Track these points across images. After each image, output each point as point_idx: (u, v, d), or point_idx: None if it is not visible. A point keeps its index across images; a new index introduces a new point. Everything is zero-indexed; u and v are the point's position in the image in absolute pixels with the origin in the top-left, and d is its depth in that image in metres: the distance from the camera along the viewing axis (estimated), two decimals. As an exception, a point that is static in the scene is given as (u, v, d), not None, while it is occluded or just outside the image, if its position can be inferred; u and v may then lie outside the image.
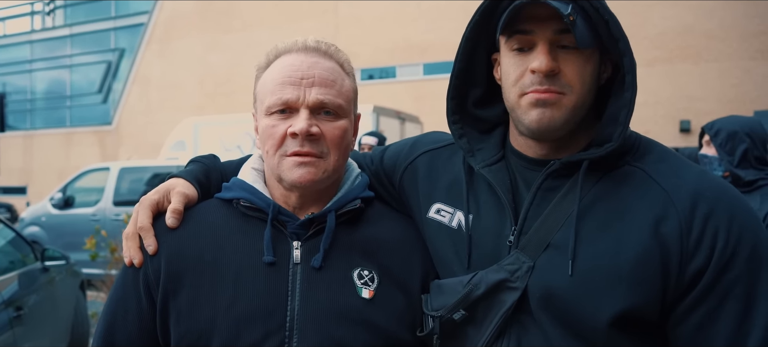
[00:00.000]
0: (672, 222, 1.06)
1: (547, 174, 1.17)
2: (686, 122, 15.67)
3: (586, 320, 1.07)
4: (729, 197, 1.08)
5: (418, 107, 15.18)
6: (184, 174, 1.38)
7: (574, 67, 1.11)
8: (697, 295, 1.05)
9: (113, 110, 25.21)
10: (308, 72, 1.24)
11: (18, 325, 3.90)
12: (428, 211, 1.32)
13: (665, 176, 1.11)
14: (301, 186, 1.24)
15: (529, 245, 1.15)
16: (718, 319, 1.04)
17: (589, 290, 1.07)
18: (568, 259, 1.09)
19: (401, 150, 1.47)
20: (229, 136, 10.67)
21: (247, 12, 21.43)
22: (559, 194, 1.16)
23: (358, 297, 1.23)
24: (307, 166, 1.22)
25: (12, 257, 4.60)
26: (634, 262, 1.05)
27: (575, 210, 1.11)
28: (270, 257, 1.22)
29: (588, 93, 1.14)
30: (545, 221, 1.15)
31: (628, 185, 1.12)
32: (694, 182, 1.09)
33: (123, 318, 1.26)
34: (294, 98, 1.22)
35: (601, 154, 1.12)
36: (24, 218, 11.09)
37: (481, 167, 1.25)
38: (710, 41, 15.64)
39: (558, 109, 1.12)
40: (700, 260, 1.04)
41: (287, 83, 1.23)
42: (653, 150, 1.18)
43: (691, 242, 1.04)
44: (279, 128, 1.23)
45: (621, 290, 1.05)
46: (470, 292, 1.15)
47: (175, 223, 1.27)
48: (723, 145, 2.82)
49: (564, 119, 1.13)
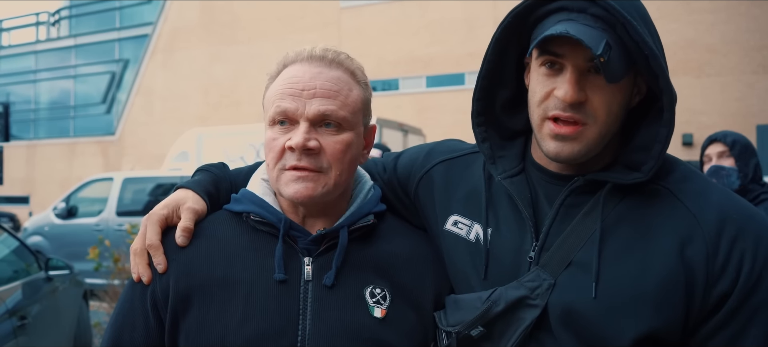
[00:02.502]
0: (698, 245, 1.04)
1: (570, 190, 1.15)
2: (688, 136, 15.67)
3: (608, 340, 1.05)
4: (756, 221, 1.07)
5: (421, 119, 15.21)
6: (193, 186, 1.33)
7: (602, 97, 1.07)
8: (722, 318, 1.03)
9: (117, 121, 25.28)
10: (310, 83, 1.20)
11: (21, 334, 3.91)
12: (445, 223, 1.30)
13: (691, 197, 1.09)
14: (299, 201, 1.20)
15: (550, 262, 1.12)
16: (743, 342, 1.03)
17: (612, 311, 1.05)
18: (592, 279, 1.07)
19: (416, 158, 1.43)
20: (233, 147, 10.69)
21: (251, 24, 21.53)
22: (582, 212, 1.13)
23: (370, 316, 1.19)
24: (304, 181, 1.18)
25: (16, 266, 4.61)
26: (659, 285, 1.04)
27: (598, 229, 1.09)
28: (281, 275, 1.19)
29: (614, 122, 1.10)
30: (567, 239, 1.12)
31: (653, 205, 1.10)
32: (720, 204, 1.07)
33: (130, 335, 1.23)
34: (292, 109, 1.19)
35: (627, 182, 1.10)
36: (27, 228, 11.11)
37: (503, 179, 1.22)
38: (712, 56, 15.68)
39: (579, 142, 1.08)
40: (726, 283, 1.02)
41: (287, 94, 1.20)
42: (677, 168, 1.15)
43: (718, 266, 1.03)
44: (279, 141, 1.20)
45: (645, 312, 1.04)
46: (489, 308, 1.13)
47: (185, 242, 1.23)
48: (740, 156, 2.81)
49: (585, 151, 1.09)
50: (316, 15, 20.28)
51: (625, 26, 1.01)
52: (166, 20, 23.93)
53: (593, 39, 1.00)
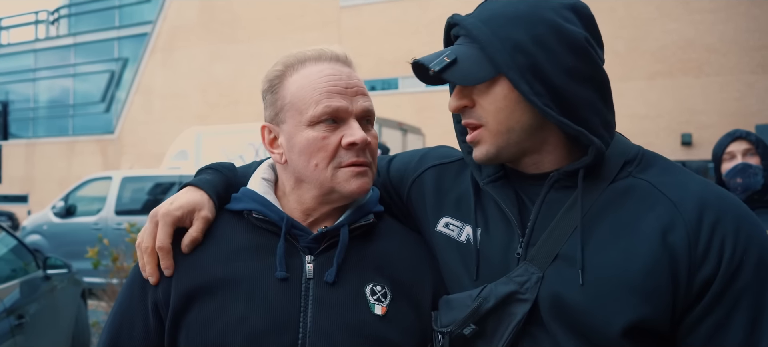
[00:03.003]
0: (679, 231, 1.06)
1: (549, 186, 1.18)
2: (687, 136, 15.69)
3: (598, 330, 1.06)
4: (734, 207, 1.09)
5: (420, 119, 15.22)
6: (206, 188, 1.31)
7: (489, 99, 1.14)
8: (707, 304, 1.04)
9: (116, 119, 25.28)
10: (350, 81, 1.23)
11: (19, 333, 3.90)
12: (436, 225, 1.32)
13: (671, 187, 1.11)
14: (358, 196, 1.23)
15: (537, 256, 1.14)
16: (727, 329, 1.04)
17: (600, 300, 1.07)
18: (578, 269, 1.09)
19: (409, 162, 1.46)
20: (232, 146, 10.68)
21: (250, 23, 21.54)
22: (564, 206, 1.15)
23: (371, 313, 1.20)
24: (364, 176, 1.22)
25: (14, 265, 4.60)
26: (644, 273, 1.05)
27: (579, 218, 1.12)
28: (283, 273, 1.20)
29: (510, 119, 1.14)
30: (552, 233, 1.14)
31: (634, 196, 1.12)
32: (699, 193, 1.09)
33: (128, 333, 1.23)
34: (344, 107, 1.21)
35: (588, 162, 1.12)
36: (25, 227, 11.09)
37: (485, 183, 1.25)
38: (711, 55, 15.70)
39: (485, 143, 1.17)
40: (709, 269, 1.04)
41: (334, 92, 1.21)
42: (657, 163, 1.18)
43: (699, 251, 1.04)
44: (331, 139, 1.20)
45: (632, 301, 1.05)
46: (480, 306, 1.14)
47: (190, 251, 1.23)
48: (765, 156, 2.80)
49: (495, 150, 1.16)
50: (315, 14, 20.29)
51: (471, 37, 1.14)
52: (166, 19, 23.93)
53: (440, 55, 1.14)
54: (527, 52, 1.08)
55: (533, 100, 1.08)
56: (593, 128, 1.12)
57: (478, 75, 1.12)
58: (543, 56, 1.08)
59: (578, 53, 1.10)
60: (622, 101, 15.76)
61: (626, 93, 15.62)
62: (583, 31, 1.11)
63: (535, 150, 1.18)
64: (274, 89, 1.27)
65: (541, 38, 1.09)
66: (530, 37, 1.09)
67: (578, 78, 1.10)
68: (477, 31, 1.12)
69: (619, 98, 6.36)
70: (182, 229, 1.25)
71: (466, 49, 1.14)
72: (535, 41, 1.09)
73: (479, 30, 1.12)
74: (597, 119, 1.12)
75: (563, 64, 1.09)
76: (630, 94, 15.75)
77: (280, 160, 1.28)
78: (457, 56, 1.13)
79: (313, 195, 1.25)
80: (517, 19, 1.10)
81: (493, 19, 1.12)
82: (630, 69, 15.98)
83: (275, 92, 1.27)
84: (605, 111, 1.15)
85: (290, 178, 1.28)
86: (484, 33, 1.11)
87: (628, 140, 1.23)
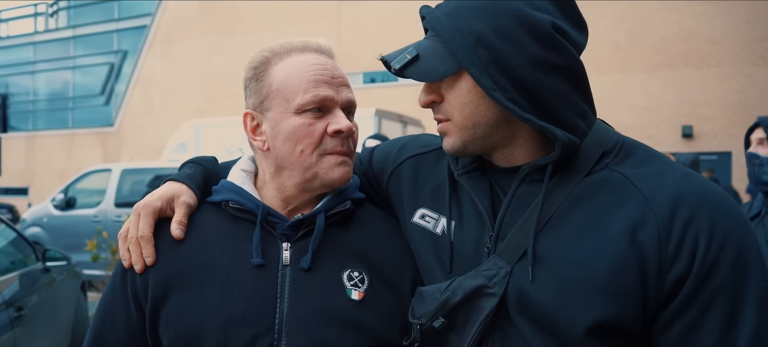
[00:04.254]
0: (650, 229, 1.01)
1: (520, 180, 1.14)
2: (688, 128, 15.66)
3: (563, 327, 1.04)
4: (713, 201, 1.03)
5: (420, 111, 15.14)
6: (185, 180, 1.35)
7: (455, 94, 1.12)
8: (679, 304, 1.00)
9: (115, 112, 25.25)
10: (335, 72, 1.27)
11: (19, 325, 3.90)
12: (413, 216, 1.31)
13: (645, 181, 1.06)
14: (340, 185, 1.26)
15: (506, 250, 1.12)
16: (702, 329, 1.00)
17: (565, 298, 1.04)
18: (529, 265, 1.07)
19: (389, 153, 1.45)
20: (231, 138, 10.67)
21: (249, 15, 21.48)
22: (535, 200, 1.12)
23: (348, 298, 1.21)
24: (346, 165, 1.25)
25: (13, 257, 4.60)
26: (609, 271, 1.01)
27: (537, 211, 1.09)
28: (259, 259, 1.21)
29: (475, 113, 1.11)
30: (521, 228, 1.12)
31: (606, 190, 1.08)
32: (675, 186, 1.04)
33: (111, 324, 1.26)
34: (331, 96, 1.24)
35: (555, 158, 1.08)
36: (25, 219, 11.10)
37: (460, 174, 1.23)
38: (712, 47, 15.64)
39: (450, 136, 1.15)
40: (680, 268, 0.99)
41: (321, 82, 1.24)
42: (635, 153, 1.13)
43: (671, 250, 1.00)
44: (318, 126, 1.23)
45: (597, 300, 1.02)
46: (448, 299, 1.12)
47: (181, 235, 1.25)
48: None
49: (461, 144, 1.15)
50: (314, 7, 20.21)
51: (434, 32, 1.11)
52: (165, 11, 23.86)
53: (402, 52, 1.12)
54: (489, 45, 1.04)
55: (495, 96, 1.05)
56: (566, 120, 1.08)
57: (439, 70, 1.09)
58: (507, 48, 1.04)
59: (545, 42, 1.04)
60: (623, 93, 15.81)
61: (627, 85, 15.59)
62: (550, 17, 1.06)
63: (505, 144, 1.15)
64: (258, 77, 1.29)
65: (504, 29, 1.04)
66: (493, 29, 1.04)
67: (547, 68, 1.05)
68: (439, 25, 1.09)
69: (619, 90, 6.40)
70: (166, 221, 1.28)
71: (430, 44, 1.12)
72: (498, 33, 1.04)
73: (441, 24, 1.09)
74: (571, 110, 1.08)
75: (529, 55, 1.04)
76: (631, 86, 15.72)
77: (262, 147, 1.29)
78: (419, 52, 1.11)
79: (295, 182, 1.26)
80: (480, 10, 1.06)
81: (456, 10, 1.08)
82: (631, 61, 15.93)
83: (260, 80, 1.28)
84: (580, 101, 1.11)
85: (271, 166, 1.29)
86: (446, 26, 1.08)
87: (610, 128, 1.18)
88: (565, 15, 1.09)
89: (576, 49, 1.09)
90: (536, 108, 1.06)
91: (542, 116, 1.06)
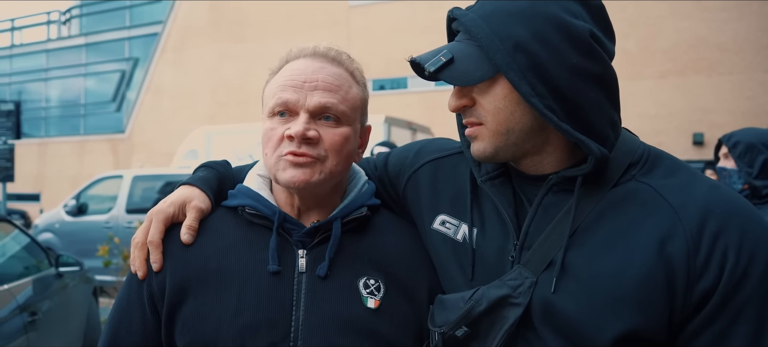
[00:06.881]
0: (679, 241, 1.00)
1: (547, 189, 1.13)
2: (699, 135, 15.57)
3: (589, 338, 1.03)
4: (742, 214, 1.02)
5: (429, 118, 15.20)
6: (198, 183, 1.34)
7: (489, 98, 1.09)
8: (707, 316, 0.99)
9: (126, 119, 25.43)
10: (312, 76, 1.23)
11: (32, 330, 3.94)
12: (433, 222, 1.29)
13: (673, 192, 1.05)
14: (295, 187, 1.21)
15: (531, 260, 1.11)
16: (729, 340, 0.99)
17: (592, 309, 1.03)
18: (553, 277, 1.06)
19: (406, 157, 1.43)
20: (242, 145, 10.72)
21: (259, 22, 21.59)
22: (562, 210, 1.11)
23: (364, 306, 1.20)
24: (301, 167, 1.20)
25: (27, 262, 4.64)
26: (638, 283, 1.01)
27: (569, 224, 1.08)
28: (275, 266, 1.21)
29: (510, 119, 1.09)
30: (548, 238, 1.11)
31: (634, 202, 1.07)
32: (703, 198, 1.03)
33: (127, 328, 1.25)
34: (293, 101, 1.21)
35: (587, 171, 1.07)
36: (37, 225, 11.19)
37: (483, 181, 1.21)
38: (723, 54, 15.56)
39: (480, 140, 1.13)
40: (709, 280, 0.98)
41: (288, 86, 1.23)
42: (662, 164, 1.12)
43: (699, 262, 0.99)
44: (278, 130, 1.22)
45: (625, 311, 1.01)
46: (472, 308, 1.11)
47: (190, 240, 1.25)
48: (741, 157, 2.79)
49: (493, 150, 1.12)
50: (324, 13, 20.30)
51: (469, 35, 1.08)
52: (176, 19, 24.04)
53: (437, 53, 1.09)
54: (528, 51, 1.02)
55: (534, 102, 1.03)
56: (598, 130, 1.07)
57: (476, 75, 1.07)
58: (545, 54, 1.02)
59: (583, 50, 1.03)
60: (633, 100, 15.72)
61: (637, 92, 15.52)
62: (588, 25, 1.05)
63: (536, 151, 1.13)
64: (266, 84, 1.32)
65: (543, 35, 1.02)
66: (532, 35, 1.02)
67: (584, 76, 1.04)
68: (476, 29, 1.06)
69: (629, 97, 6.36)
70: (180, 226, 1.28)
71: (464, 47, 1.09)
72: (537, 38, 1.02)
73: (478, 27, 1.06)
74: (603, 120, 1.07)
75: (567, 62, 1.02)
76: (641, 93, 15.65)
77: None
78: (454, 55, 1.08)
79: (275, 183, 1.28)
80: (518, 15, 1.04)
81: (494, 14, 1.06)
82: (641, 68, 15.87)
83: (265, 88, 1.32)
84: (612, 111, 1.10)
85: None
86: (484, 31, 1.05)
87: (635, 138, 1.18)
88: (598, 23, 1.08)
89: (609, 57, 1.09)
90: (571, 117, 1.04)
91: (576, 126, 1.05)
